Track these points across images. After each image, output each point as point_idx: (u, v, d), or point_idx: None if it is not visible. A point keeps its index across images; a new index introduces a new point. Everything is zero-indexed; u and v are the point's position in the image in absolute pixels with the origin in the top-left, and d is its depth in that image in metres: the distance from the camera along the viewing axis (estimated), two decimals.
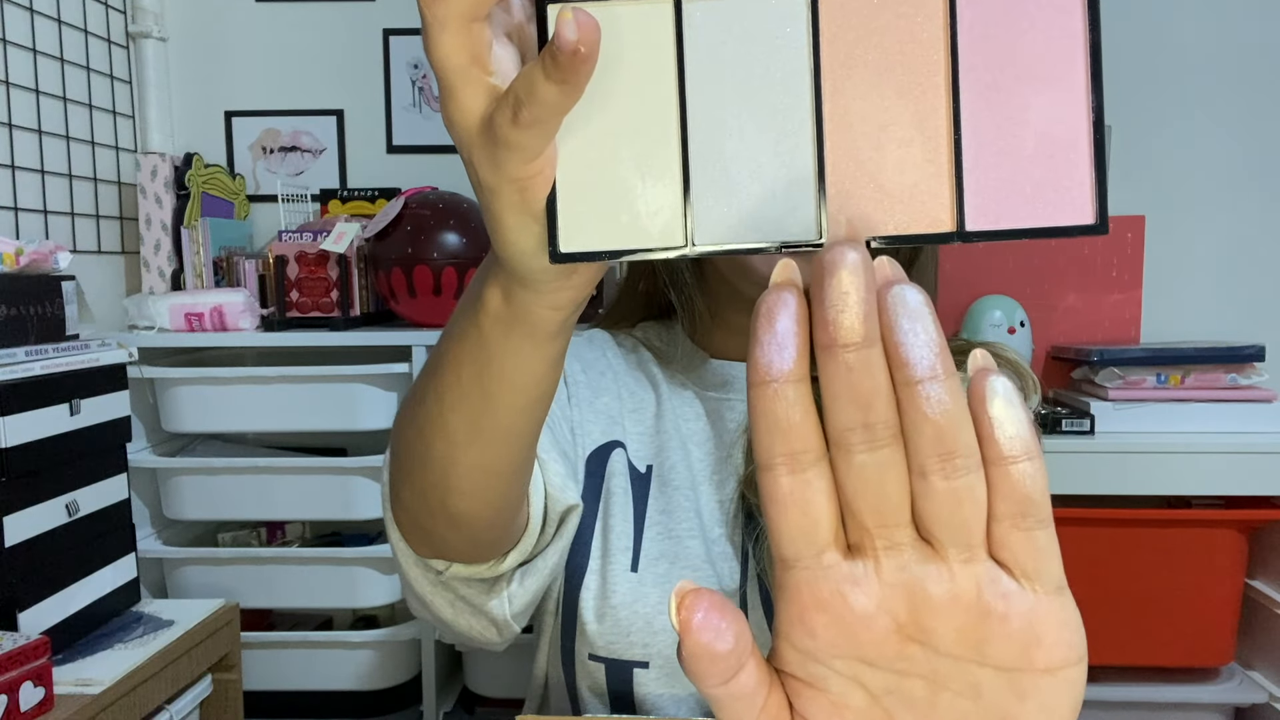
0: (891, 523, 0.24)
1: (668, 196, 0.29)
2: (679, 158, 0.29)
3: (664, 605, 0.68)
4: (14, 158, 1.56)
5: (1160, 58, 1.88)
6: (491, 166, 0.30)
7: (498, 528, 0.51)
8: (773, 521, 0.25)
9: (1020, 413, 0.24)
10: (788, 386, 0.24)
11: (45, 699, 1.02)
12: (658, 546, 0.70)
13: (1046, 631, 0.25)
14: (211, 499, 1.63)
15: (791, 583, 0.25)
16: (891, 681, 0.26)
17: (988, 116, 0.28)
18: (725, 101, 0.29)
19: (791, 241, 0.29)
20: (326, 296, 1.68)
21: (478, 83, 0.29)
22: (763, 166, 0.29)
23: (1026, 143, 0.28)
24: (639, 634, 0.68)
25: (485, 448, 0.44)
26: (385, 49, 1.97)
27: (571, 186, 0.30)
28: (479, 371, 0.40)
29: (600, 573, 0.70)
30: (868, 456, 0.24)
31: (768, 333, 0.24)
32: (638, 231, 0.30)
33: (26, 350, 1.14)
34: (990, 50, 0.28)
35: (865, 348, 0.23)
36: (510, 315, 0.37)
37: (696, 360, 0.78)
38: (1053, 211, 0.28)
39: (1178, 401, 1.50)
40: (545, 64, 0.27)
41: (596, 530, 0.72)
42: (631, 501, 0.72)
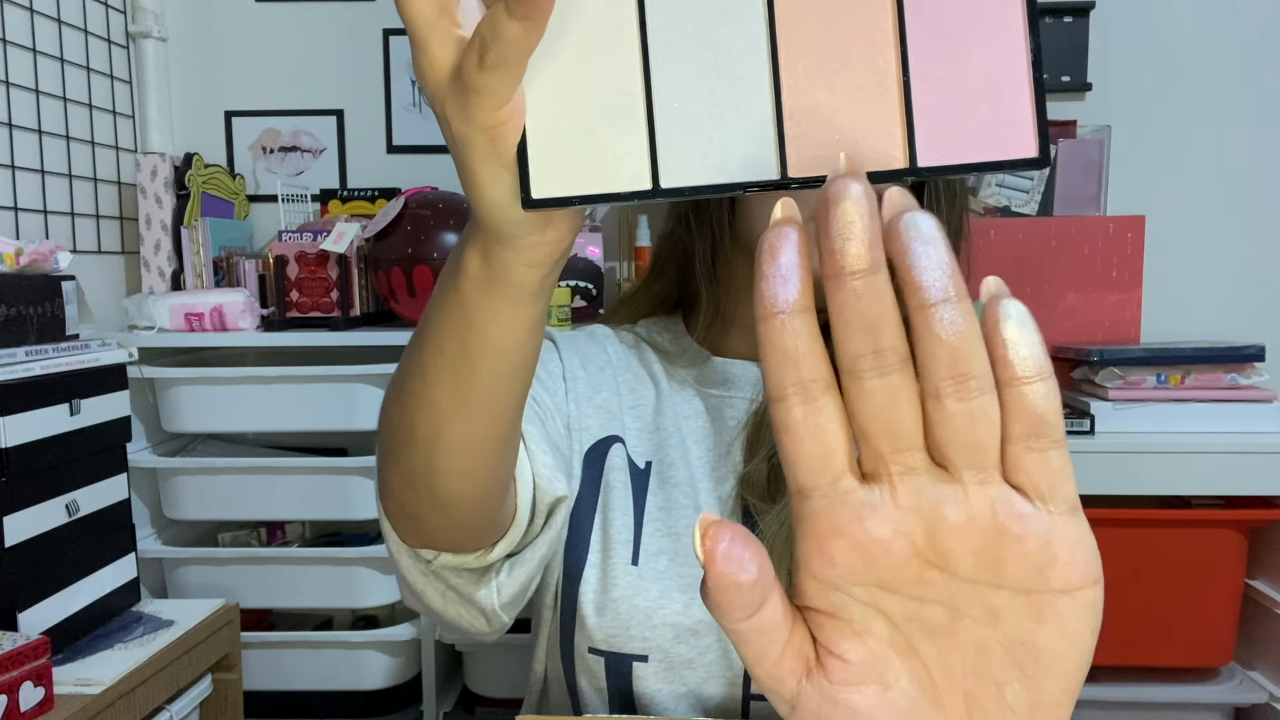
0: (905, 446, 0.24)
1: (634, 142, 0.30)
2: (643, 104, 0.30)
3: (664, 599, 0.68)
4: (14, 158, 1.56)
5: (1161, 58, 1.88)
6: (463, 116, 0.31)
7: (484, 511, 0.51)
8: (787, 452, 0.25)
9: (1033, 335, 0.24)
10: (794, 317, 0.24)
11: (45, 699, 1.02)
12: (658, 542, 0.71)
13: (1062, 551, 0.25)
14: (211, 499, 1.63)
15: (809, 512, 0.25)
16: (911, 608, 0.26)
17: (934, 59, 0.29)
18: (686, 48, 0.30)
19: (754, 181, 0.30)
20: (326, 296, 1.68)
21: (446, 34, 0.30)
22: (724, 110, 0.30)
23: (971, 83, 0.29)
24: (639, 627, 0.68)
25: (470, 419, 0.44)
26: (385, 49, 1.97)
27: (541, 134, 0.31)
28: (461, 339, 0.41)
29: (600, 566, 0.70)
30: (879, 381, 0.24)
31: (771, 266, 0.24)
32: (606, 176, 0.31)
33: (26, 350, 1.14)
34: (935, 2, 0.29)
35: (871, 274, 0.24)
36: (489, 276, 0.38)
37: (699, 357, 0.78)
38: (998, 146, 0.29)
39: (1178, 401, 1.50)
40: (507, 2, 0.27)
41: (596, 524, 0.72)
42: (631, 496, 0.72)
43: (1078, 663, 0.26)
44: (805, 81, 0.30)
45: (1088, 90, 1.87)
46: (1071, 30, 1.87)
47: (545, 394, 0.69)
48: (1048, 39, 1.86)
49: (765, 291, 0.24)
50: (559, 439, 0.67)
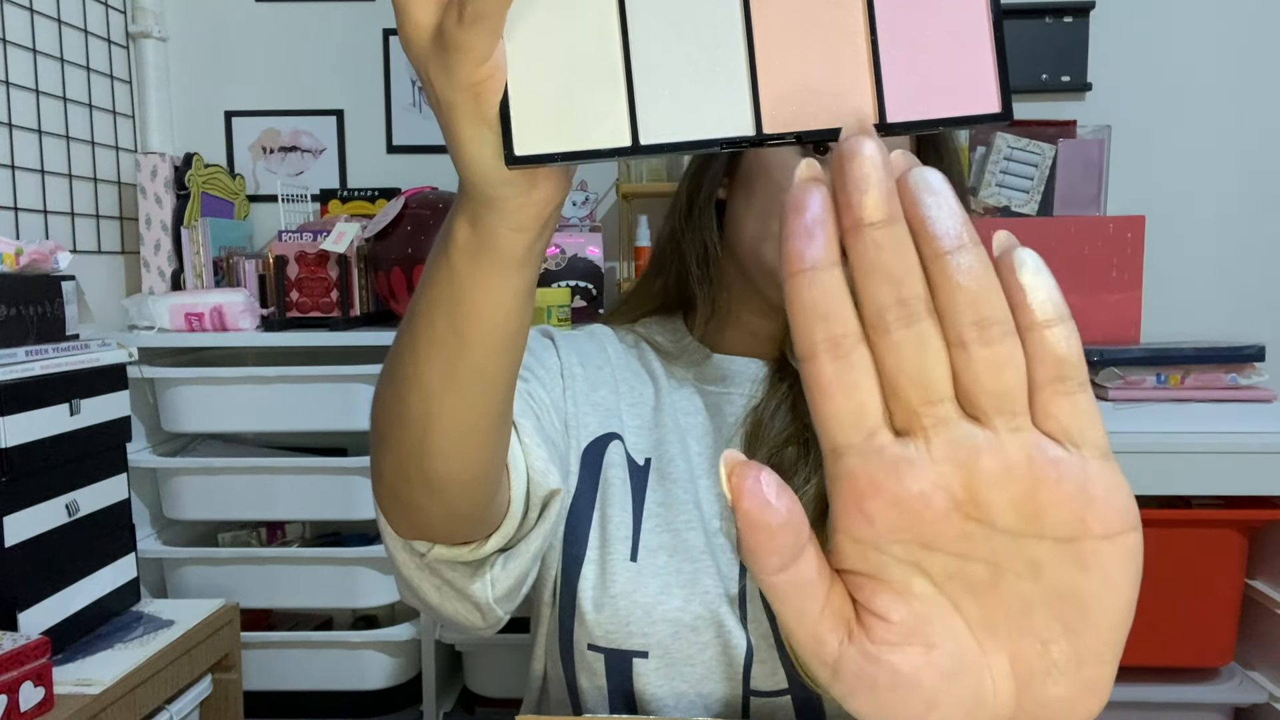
0: (935, 397, 0.24)
1: (614, 99, 0.31)
2: (621, 61, 0.31)
3: (664, 595, 0.68)
4: (14, 158, 1.56)
5: (1161, 58, 1.88)
6: (445, 76, 0.31)
7: (476, 497, 0.51)
8: (820, 410, 0.25)
9: (1049, 279, 0.24)
10: (821, 273, 0.24)
11: (45, 699, 1.02)
12: (657, 538, 0.71)
13: (1098, 494, 0.25)
14: (211, 499, 1.63)
15: (844, 471, 0.25)
16: (953, 565, 0.26)
17: (901, 18, 0.30)
18: (663, 6, 0.31)
19: (731, 137, 0.31)
20: (326, 296, 1.68)
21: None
22: (700, 69, 0.31)
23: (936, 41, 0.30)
24: (638, 623, 0.68)
25: (460, 396, 0.45)
26: (385, 49, 1.97)
27: (522, 93, 0.32)
28: (451, 311, 0.41)
29: (599, 563, 0.70)
30: (905, 332, 0.24)
31: (798, 222, 0.24)
32: (588, 133, 0.31)
33: (26, 350, 1.14)
34: None
35: (890, 224, 0.24)
36: (477, 243, 0.38)
37: (699, 355, 0.79)
38: (963, 102, 0.30)
39: (1178, 401, 1.50)
40: None
41: (594, 520, 0.72)
42: (630, 493, 0.72)
43: (1121, 613, 0.26)
44: (778, 39, 0.31)
45: (1088, 90, 1.87)
46: (1071, 30, 1.87)
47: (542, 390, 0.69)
48: (1048, 39, 1.86)
49: (792, 248, 0.24)
50: (555, 435, 0.67)
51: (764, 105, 0.31)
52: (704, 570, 0.69)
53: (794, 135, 0.31)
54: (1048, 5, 1.86)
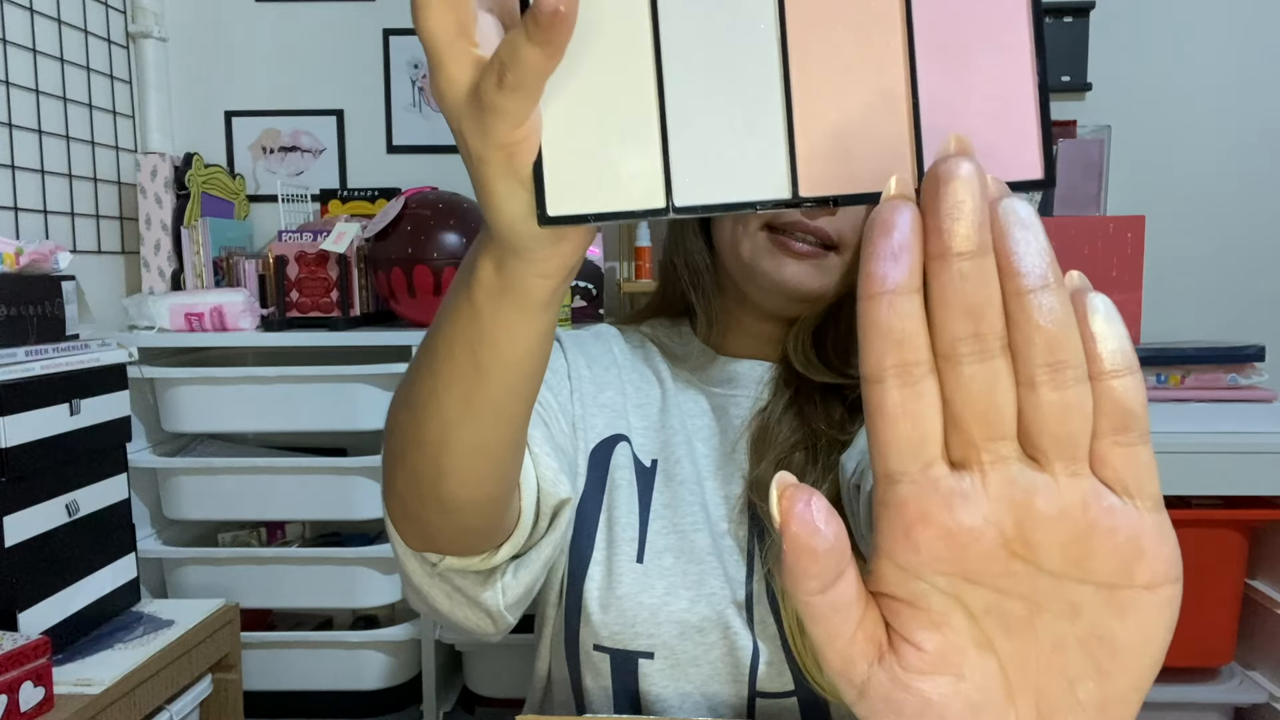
0: (998, 435, 0.24)
1: (648, 160, 0.31)
2: (657, 122, 0.31)
3: (670, 596, 0.68)
4: (14, 158, 1.56)
5: (1161, 58, 1.88)
6: (480, 134, 0.31)
7: (488, 515, 0.52)
8: (879, 434, 0.24)
9: (1120, 329, 0.24)
10: (902, 298, 0.24)
11: (45, 699, 1.02)
12: (663, 540, 0.71)
13: (1149, 547, 0.25)
14: (211, 499, 1.63)
15: (896, 498, 0.25)
16: (992, 601, 0.26)
17: (942, 80, 0.30)
18: (699, 67, 0.31)
19: (766, 200, 0.31)
20: (326, 296, 1.68)
21: (464, 54, 0.30)
22: (736, 130, 0.31)
23: (979, 104, 0.30)
24: (644, 624, 0.68)
25: (478, 425, 0.45)
26: (385, 49, 1.97)
27: (556, 152, 0.31)
28: (472, 346, 0.41)
29: (605, 563, 0.70)
30: (978, 367, 0.24)
31: (884, 243, 0.24)
32: (621, 194, 0.31)
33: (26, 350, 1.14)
34: (942, 17, 0.30)
35: (979, 256, 0.23)
36: (502, 286, 0.38)
37: (705, 357, 0.79)
38: (1004, 168, 0.29)
39: (1178, 401, 1.50)
40: (528, 27, 0.28)
41: (601, 522, 0.72)
42: (636, 494, 0.72)
43: (1152, 660, 0.26)
44: (816, 101, 0.30)
45: (1088, 90, 1.87)
46: (1071, 30, 1.87)
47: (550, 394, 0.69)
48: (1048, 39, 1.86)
49: (874, 269, 0.24)
50: (563, 440, 0.67)
51: (800, 167, 0.30)
52: (710, 572, 0.69)
53: (831, 198, 0.31)
54: (1048, 5, 1.85)
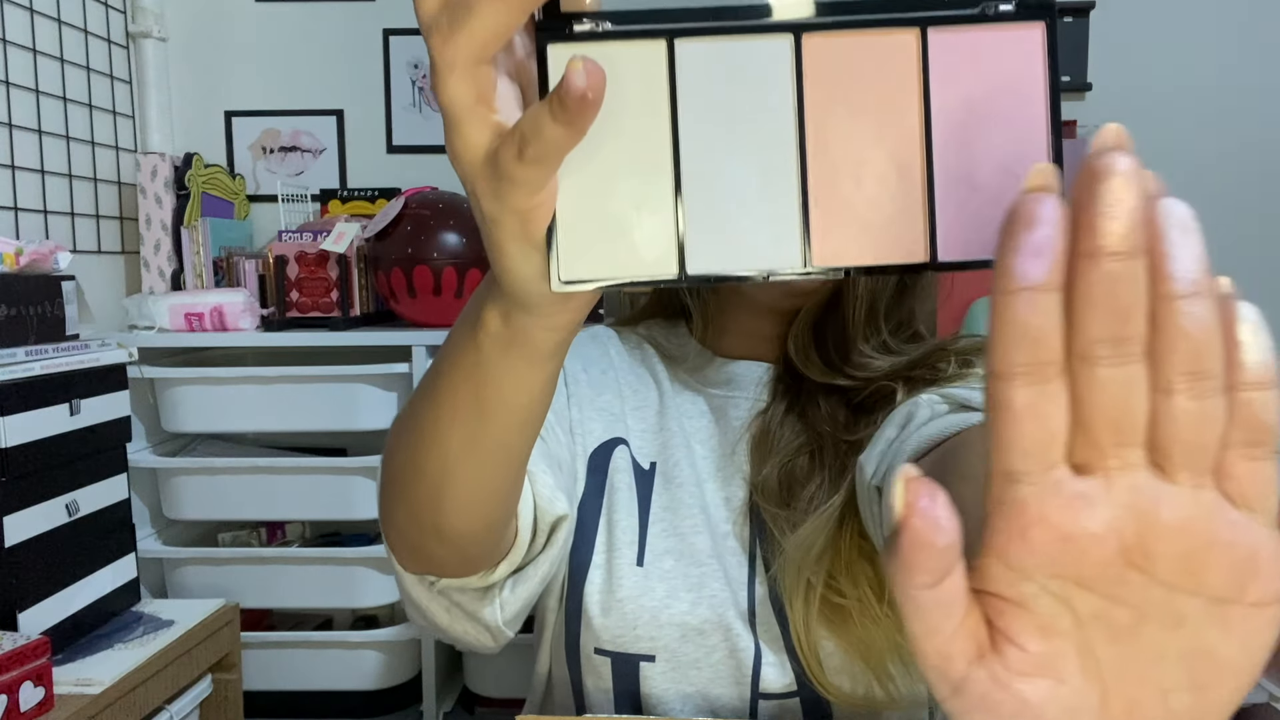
0: (1128, 442, 0.23)
1: (662, 227, 0.31)
2: (672, 190, 0.31)
3: (671, 599, 0.68)
4: (14, 158, 1.56)
5: (1161, 58, 1.88)
6: (495, 199, 0.31)
7: (487, 544, 0.52)
8: (1002, 433, 0.24)
9: (1267, 340, 0.23)
10: (1041, 295, 0.23)
11: (45, 699, 1.02)
12: (663, 543, 0.71)
13: (1265, 564, 0.24)
14: (211, 499, 1.63)
15: (1016, 497, 0.24)
16: (1100, 607, 0.25)
17: (957, 155, 0.30)
18: (716, 137, 0.31)
19: (778, 270, 0.31)
20: (326, 296, 1.68)
21: (483, 120, 0.31)
22: (750, 199, 0.31)
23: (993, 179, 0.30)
24: (645, 627, 0.68)
25: (480, 465, 0.45)
26: (385, 49, 1.97)
27: (571, 217, 0.31)
28: (476, 390, 0.41)
29: (605, 567, 0.70)
30: (1115, 371, 0.23)
31: (1026, 238, 0.23)
32: (634, 260, 0.31)
33: (26, 350, 1.14)
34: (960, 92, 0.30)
35: (1131, 258, 0.22)
36: (509, 336, 0.38)
37: (702, 358, 0.79)
38: None
39: None
40: (553, 106, 0.28)
41: (600, 525, 0.72)
42: (636, 497, 0.72)
43: (1249, 677, 0.26)
44: (831, 174, 0.30)
45: (1088, 90, 1.87)
46: (1071, 30, 1.87)
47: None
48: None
49: (1014, 265, 0.23)
50: (560, 451, 0.68)
51: (814, 238, 0.31)
52: (710, 574, 0.69)
53: (844, 269, 0.31)
54: None
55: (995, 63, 0.30)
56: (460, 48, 0.29)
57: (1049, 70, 0.30)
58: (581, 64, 0.27)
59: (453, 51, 0.29)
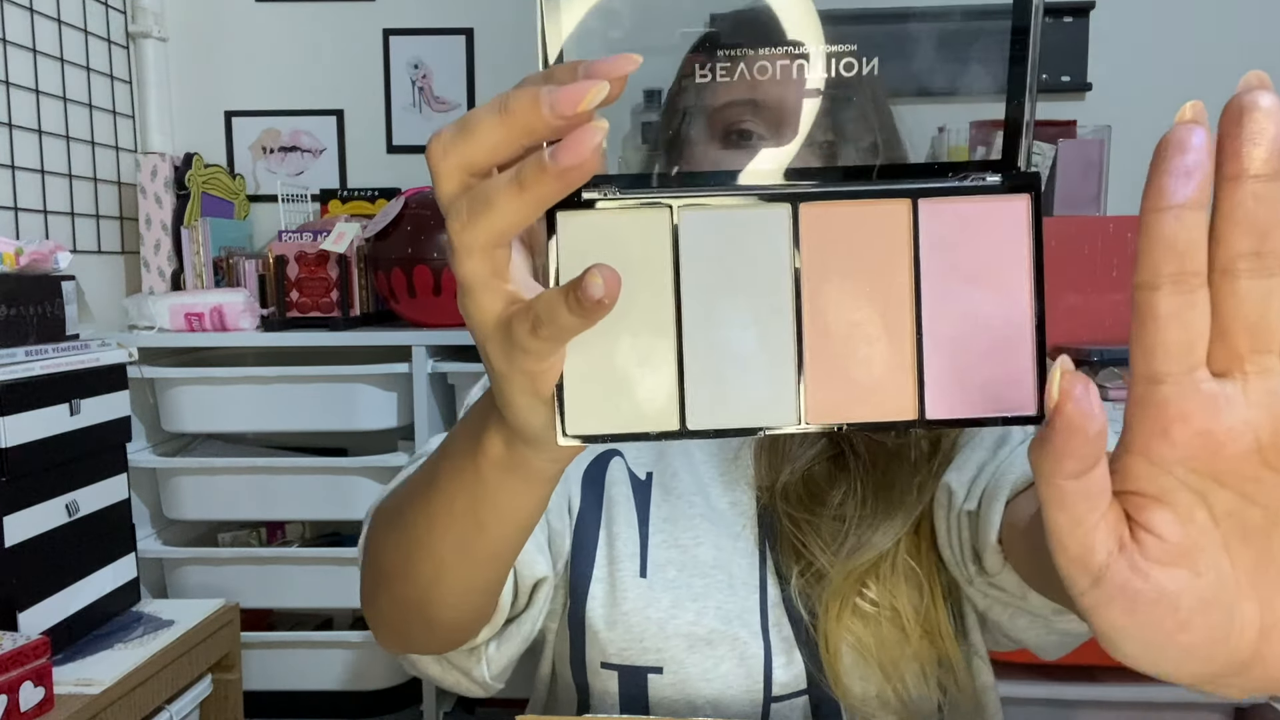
0: (1264, 348, 0.26)
1: (664, 385, 0.33)
2: (675, 350, 0.33)
3: (676, 610, 0.68)
4: (14, 158, 1.56)
5: (1161, 58, 1.88)
6: (506, 360, 0.33)
7: (471, 629, 0.55)
8: (1146, 337, 0.27)
9: None
10: (1188, 212, 0.25)
11: (45, 699, 1.02)
12: (664, 553, 0.70)
13: None
14: (211, 499, 1.63)
15: (1158, 397, 0.27)
16: (1235, 504, 0.27)
17: (945, 319, 0.32)
18: (716, 300, 0.33)
19: (774, 426, 0.33)
20: (326, 296, 1.68)
21: (497, 291, 0.32)
22: (749, 360, 0.33)
23: (979, 342, 0.32)
24: (652, 639, 0.67)
25: (472, 569, 0.46)
26: (385, 49, 1.97)
27: (578, 375, 0.33)
28: (473, 505, 0.42)
29: (608, 580, 0.70)
30: (1254, 283, 0.25)
31: (1177, 160, 0.26)
32: (637, 416, 0.33)
33: (26, 350, 1.14)
34: (948, 261, 0.32)
35: (1272, 180, 0.25)
36: (510, 462, 0.39)
37: None
38: (1001, 403, 0.32)
39: None
40: (569, 301, 0.30)
41: (600, 539, 0.71)
42: (635, 508, 0.72)
43: None
44: (825, 336, 0.32)
45: (1088, 90, 1.87)
46: (1071, 30, 1.87)
47: None
48: (1048, 39, 1.86)
49: (1164, 184, 0.26)
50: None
51: (808, 397, 0.32)
52: (715, 585, 0.69)
53: (836, 426, 0.33)
54: (1048, 5, 1.85)
55: (982, 232, 0.32)
56: (479, 235, 0.31)
57: (1033, 239, 0.32)
58: (600, 274, 0.29)
59: (471, 238, 0.31)
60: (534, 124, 0.30)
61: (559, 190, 0.30)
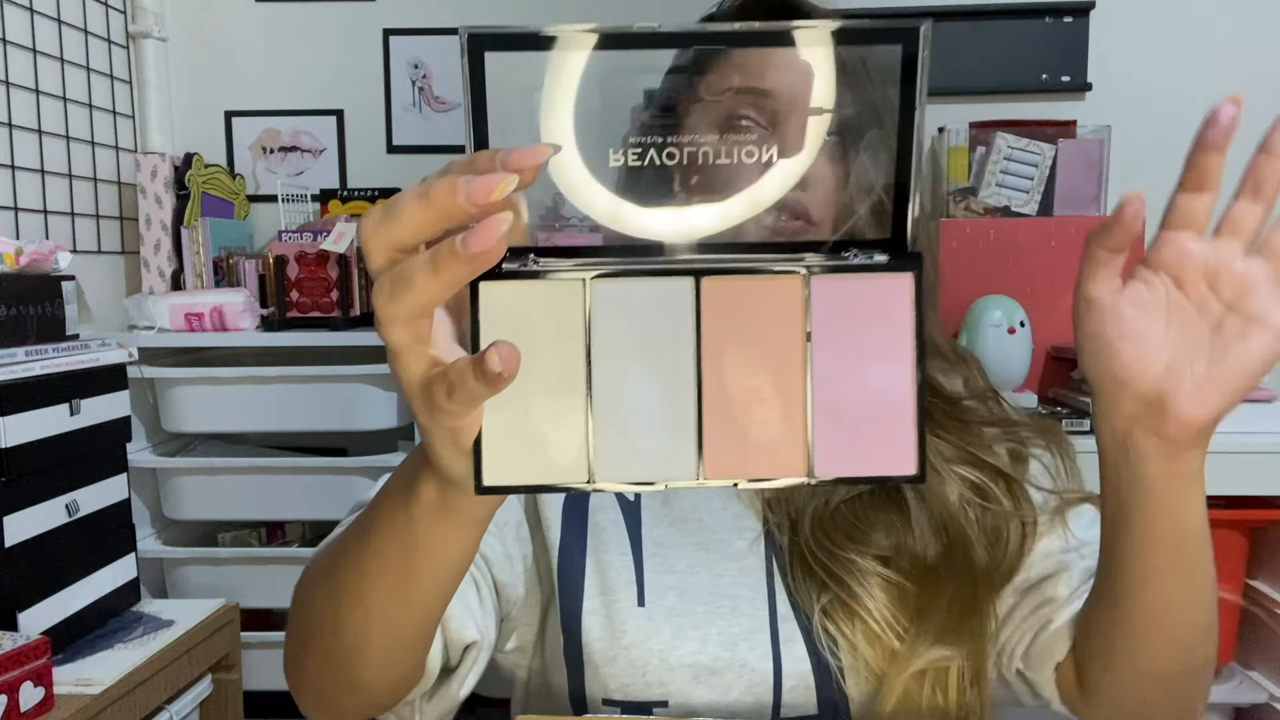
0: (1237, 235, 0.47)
1: (575, 441, 0.36)
2: (585, 410, 0.35)
3: (678, 640, 0.65)
4: (14, 158, 1.56)
5: (1161, 58, 1.88)
6: (429, 416, 0.36)
7: (397, 693, 0.54)
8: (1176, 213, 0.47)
9: None
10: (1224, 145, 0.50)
11: (45, 699, 1.02)
12: (662, 579, 0.67)
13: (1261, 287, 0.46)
14: (211, 499, 1.63)
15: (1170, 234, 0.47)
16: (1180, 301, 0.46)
17: (834, 386, 0.35)
18: (624, 365, 0.35)
19: (675, 482, 0.36)
20: (326, 296, 1.68)
21: (419, 355, 0.35)
22: (653, 420, 0.36)
23: (865, 408, 0.35)
24: (654, 672, 0.65)
25: (401, 617, 0.47)
26: (385, 49, 1.97)
27: (495, 431, 0.35)
28: (404, 552, 0.43)
29: (603, 613, 0.67)
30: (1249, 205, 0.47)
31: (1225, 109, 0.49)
32: (549, 469, 0.36)
33: (26, 350, 1.14)
34: (838, 332, 0.35)
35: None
36: (442, 506, 0.41)
37: None
38: (883, 464, 0.35)
39: None
40: (475, 371, 0.33)
41: (588, 568, 0.68)
42: (626, 533, 0.69)
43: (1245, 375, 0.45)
44: (723, 399, 0.35)
45: (1088, 90, 1.87)
46: (1071, 30, 1.87)
47: None
48: (1048, 39, 1.86)
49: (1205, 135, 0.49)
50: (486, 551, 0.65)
51: (706, 454, 0.35)
52: (718, 610, 0.66)
53: (733, 483, 0.36)
54: (1048, 5, 1.85)
55: (869, 306, 0.35)
56: (400, 308, 0.34)
57: (916, 313, 0.35)
58: (498, 351, 0.32)
59: (394, 310, 0.34)
60: (451, 210, 0.33)
61: (469, 272, 0.32)
